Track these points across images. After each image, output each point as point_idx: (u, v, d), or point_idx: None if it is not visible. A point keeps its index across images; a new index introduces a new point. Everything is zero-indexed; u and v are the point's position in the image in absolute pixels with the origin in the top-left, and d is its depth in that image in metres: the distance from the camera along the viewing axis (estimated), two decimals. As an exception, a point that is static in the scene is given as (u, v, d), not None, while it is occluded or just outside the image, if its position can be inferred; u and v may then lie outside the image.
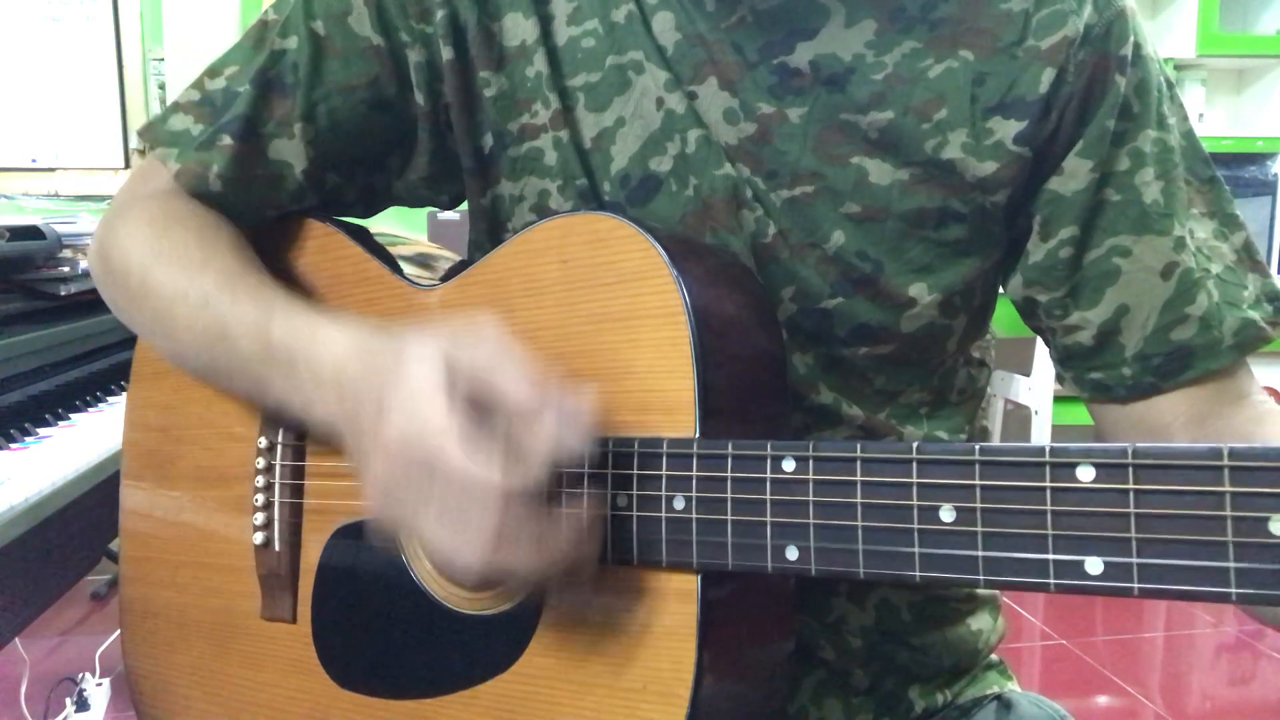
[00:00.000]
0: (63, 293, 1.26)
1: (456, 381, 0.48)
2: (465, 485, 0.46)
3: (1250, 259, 0.62)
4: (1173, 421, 0.61)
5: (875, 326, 0.62)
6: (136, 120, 2.09)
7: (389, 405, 0.48)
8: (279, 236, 0.70)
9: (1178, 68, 3.02)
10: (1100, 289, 0.61)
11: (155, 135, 0.68)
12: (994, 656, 0.73)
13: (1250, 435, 0.58)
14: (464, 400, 0.47)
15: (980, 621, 0.71)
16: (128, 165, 2.08)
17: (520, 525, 0.46)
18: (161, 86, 2.32)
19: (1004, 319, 0.69)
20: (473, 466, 0.45)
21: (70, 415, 1.13)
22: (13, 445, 0.99)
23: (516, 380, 0.48)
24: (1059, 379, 0.66)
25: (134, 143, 2.08)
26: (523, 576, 0.48)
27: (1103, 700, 2.02)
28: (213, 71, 0.68)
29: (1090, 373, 0.63)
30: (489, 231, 0.69)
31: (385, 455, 0.48)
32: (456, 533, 0.46)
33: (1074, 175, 0.60)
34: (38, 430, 1.05)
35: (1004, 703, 0.69)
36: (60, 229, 1.26)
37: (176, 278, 0.62)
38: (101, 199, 1.95)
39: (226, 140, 0.65)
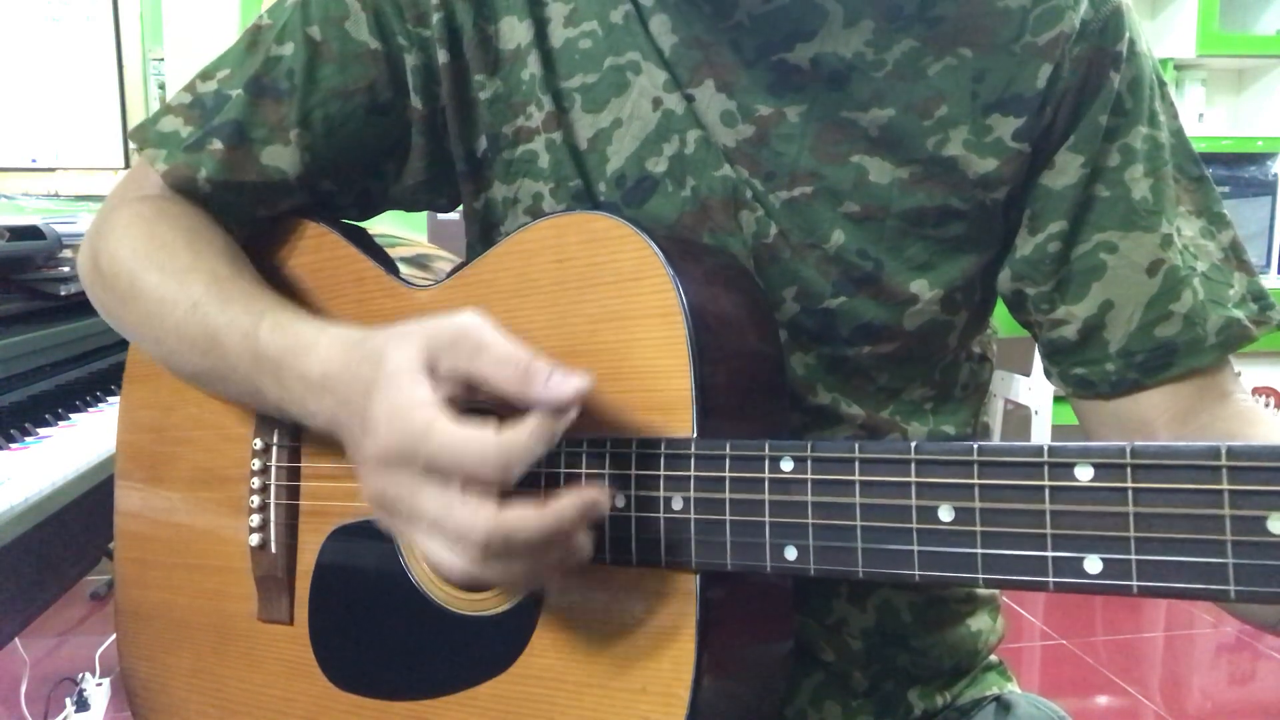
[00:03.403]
0: (63, 293, 1.26)
1: (440, 358, 0.48)
2: (457, 450, 0.45)
3: (1237, 258, 0.63)
4: (1156, 419, 0.61)
5: (878, 325, 0.62)
6: (136, 120, 2.09)
7: (374, 385, 0.49)
8: (273, 236, 0.70)
9: (1178, 68, 3.02)
10: (1086, 284, 0.61)
11: (145, 136, 0.68)
12: (994, 657, 0.73)
13: (1234, 434, 0.58)
14: (449, 377, 0.48)
15: (980, 622, 0.71)
16: (128, 165, 2.07)
17: (512, 536, 0.45)
18: (161, 86, 2.32)
19: (1005, 319, 0.69)
20: (463, 442, 0.45)
21: (70, 415, 1.13)
22: (13, 445, 0.99)
23: (499, 358, 0.48)
24: (1047, 374, 0.66)
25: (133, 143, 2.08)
26: (516, 581, 0.49)
27: (1103, 700, 2.02)
28: (205, 75, 0.68)
29: (1074, 368, 0.63)
30: (481, 235, 0.69)
31: (375, 433, 0.48)
32: (451, 509, 0.46)
33: (1064, 170, 0.60)
34: (38, 430, 1.05)
35: (1003, 704, 0.69)
36: (60, 229, 1.26)
37: (165, 282, 0.61)
38: (101, 199, 1.95)
39: (216, 144, 0.65)
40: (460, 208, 0.73)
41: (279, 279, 0.69)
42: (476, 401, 0.50)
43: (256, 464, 0.67)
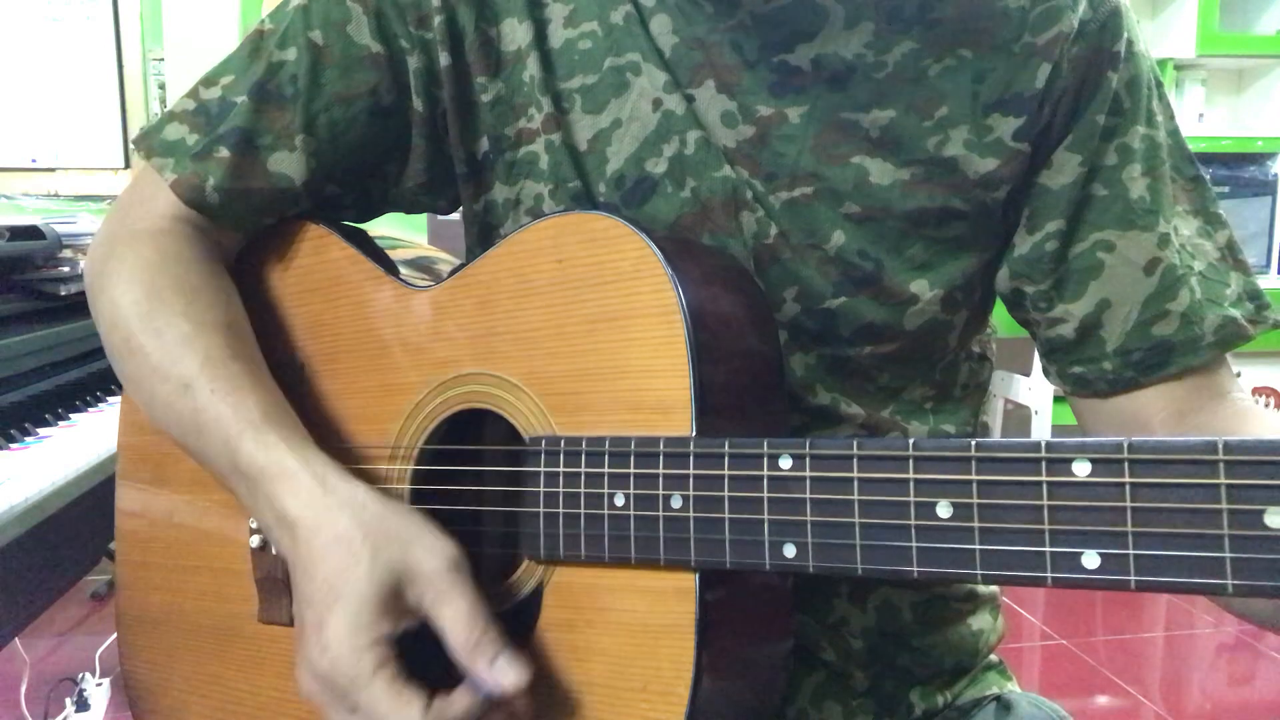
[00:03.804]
0: (63, 293, 1.26)
1: (407, 591, 0.51)
2: (381, 714, 0.49)
3: (1233, 257, 0.63)
4: (1153, 417, 0.61)
5: (879, 325, 0.62)
6: (136, 120, 2.09)
7: (332, 609, 0.50)
8: (274, 238, 0.70)
9: (1178, 68, 3.02)
10: (1084, 282, 0.61)
11: (150, 144, 0.67)
12: (994, 657, 0.73)
13: (1231, 432, 0.58)
14: (408, 610, 0.51)
15: (980, 621, 0.71)
16: (128, 165, 2.08)
17: None
18: (161, 86, 2.32)
19: (1005, 319, 0.69)
20: (393, 706, 0.48)
21: (70, 415, 1.13)
22: (13, 445, 0.99)
23: (459, 618, 0.50)
24: (1045, 372, 0.67)
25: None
26: None
27: (1103, 700, 2.02)
28: (208, 81, 0.67)
29: (1072, 366, 0.63)
30: (481, 236, 0.69)
31: (325, 651, 0.50)
32: None
33: (1062, 169, 0.60)
34: (38, 430, 1.05)
35: (1003, 704, 0.69)
36: (60, 229, 1.26)
37: (160, 351, 0.60)
38: (101, 199, 1.95)
39: (224, 152, 0.64)
40: (460, 209, 0.73)
41: (279, 281, 0.69)
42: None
43: (256, 464, 0.67)
